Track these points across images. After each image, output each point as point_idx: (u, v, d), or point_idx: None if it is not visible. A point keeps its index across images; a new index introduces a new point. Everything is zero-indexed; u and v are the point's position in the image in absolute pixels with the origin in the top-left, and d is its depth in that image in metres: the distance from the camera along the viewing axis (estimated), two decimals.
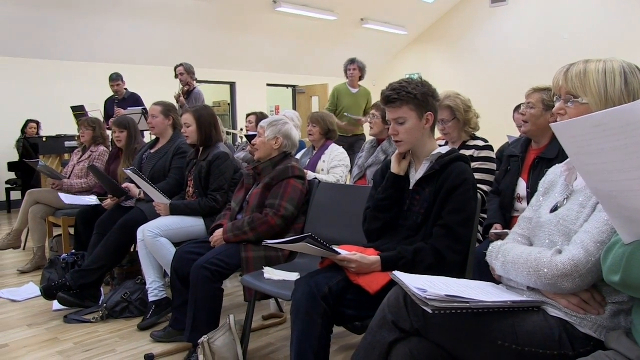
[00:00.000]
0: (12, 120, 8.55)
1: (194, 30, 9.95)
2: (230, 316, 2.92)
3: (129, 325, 3.52)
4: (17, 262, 5.23)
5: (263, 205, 3.01)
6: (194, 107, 3.81)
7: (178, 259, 3.12)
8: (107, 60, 9.34)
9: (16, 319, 3.76)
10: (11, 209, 8.56)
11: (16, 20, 8.18)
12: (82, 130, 5.25)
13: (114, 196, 4.24)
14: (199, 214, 3.56)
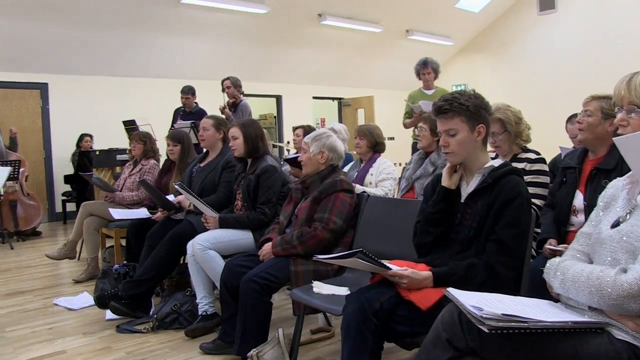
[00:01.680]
0: (68, 135, 8.88)
1: (241, 45, 10.10)
2: (279, 330, 2.93)
3: (179, 336, 3.55)
4: (72, 272, 5.38)
5: (312, 219, 3.01)
6: (240, 120, 3.85)
7: (227, 271, 3.14)
8: (158, 75, 9.59)
9: (72, 326, 3.87)
10: (66, 220, 8.83)
11: (72, 39, 8.51)
12: (133, 144, 5.37)
13: (163, 209, 4.31)
14: (248, 227, 3.59)
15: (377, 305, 2.07)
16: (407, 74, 12.83)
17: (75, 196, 8.57)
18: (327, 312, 2.95)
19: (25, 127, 8.82)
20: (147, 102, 9.15)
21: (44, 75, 8.93)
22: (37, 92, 9.03)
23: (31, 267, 5.79)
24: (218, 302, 3.44)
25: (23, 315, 4.14)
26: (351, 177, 4.30)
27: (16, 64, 8.51)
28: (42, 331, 3.78)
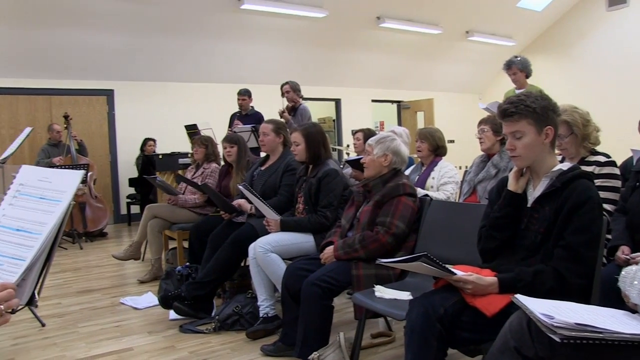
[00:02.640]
0: (132, 139, 9.16)
1: (301, 49, 10.17)
2: (340, 334, 2.92)
3: (240, 337, 3.59)
4: (137, 272, 5.54)
5: (374, 223, 2.99)
6: (302, 126, 3.85)
7: (289, 275, 3.16)
8: (219, 80, 9.77)
9: (138, 325, 3.98)
10: (131, 221, 9.10)
11: (137, 47, 8.79)
12: (195, 148, 5.46)
13: (225, 212, 4.38)
14: (309, 231, 3.60)
15: (441, 311, 2.03)
16: (467, 75, 12.74)
17: (139, 199, 8.82)
18: (389, 316, 2.92)
19: (93, 132, 9.17)
20: (208, 106, 9.34)
21: (110, 82, 9.26)
22: (103, 98, 9.37)
23: (99, 267, 6.00)
24: (279, 305, 3.47)
25: (93, 313, 4.29)
26: (412, 180, 4.25)
27: (85, 72, 8.85)
28: (110, 328, 3.91)
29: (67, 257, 6.49)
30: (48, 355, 3.44)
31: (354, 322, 3.07)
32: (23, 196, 1.65)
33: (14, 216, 1.61)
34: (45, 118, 8.80)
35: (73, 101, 9.02)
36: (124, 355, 3.39)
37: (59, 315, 4.24)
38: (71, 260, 6.34)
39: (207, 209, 5.14)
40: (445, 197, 4.03)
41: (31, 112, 8.76)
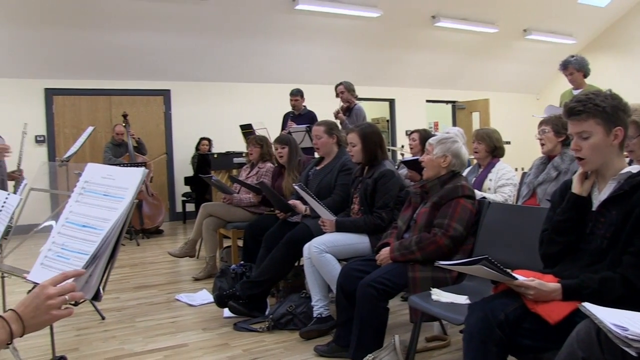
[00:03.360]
0: (188, 139, 9.33)
1: (355, 49, 10.14)
2: (396, 336, 2.89)
3: (293, 337, 3.60)
4: (192, 270, 5.62)
5: (431, 225, 2.95)
6: (359, 126, 3.82)
7: (344, 275, 3.14)
8: (273, 80, 9.84)
9: (193, 322, 4.04)
10: (186, 219, 9.26)
11: (192, 49, 8.95)
12: (250, 148, 5.50)
13: (280, 211, 4.39)
14: (364, 231, 3.58)
15: (501, 317, 1.97)
16: (524, 75, 12.44)
17: (194, 197, 8.95)
18: (447, 320, 2.86)
19: (150, 131, 9.37)
20: (263, 106, 9.41)
21: (166, 82, 9.46)
22: (160, 98, 9.57)
23: (155, 263, 6.13)
24: (333, 305, 3.45)
25: (149, 308, 4.38)
26: (469, 182, 4.17)
27: (143, 73, 9.07)
28: (166, 324, 3.98)
29: (125, 253, 6.65)
30: (108, 347, 3.54)
31: (409, 324, 3.04)
32: (88, 193, 1.69)
33: (80, 212, 1.65)
34: (105, 118, 9.06)
35: (131, 101, 9.25)
36: (179, 351, 3.45)
37: (117, 309, 4.35)
38: (128, 256, 6.50)
39: (262, 208, 5.17)
40: (502, 200, 3.94)
41: (92, 112, 9.03)
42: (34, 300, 1.29)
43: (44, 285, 1.32)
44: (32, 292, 1.32)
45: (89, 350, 3.49)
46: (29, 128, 8.31)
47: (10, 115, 7.72)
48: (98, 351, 3.48)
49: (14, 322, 1.25)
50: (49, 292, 1.30)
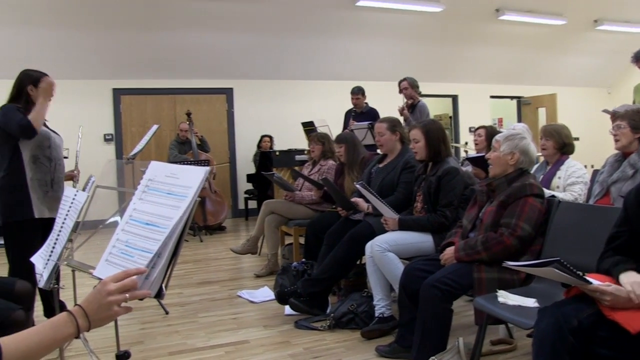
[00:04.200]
0: (250, 136, 9.43)
1: (417, 45, 9.99)
2: (460, 339, 2.82)
3: (354, 336, 3.56)
4: (254, 267, 5.66)
5: (498, 224, 2.84)
6: (421, 122, 3.76)
7: (406, 275, 3.08)
8: (335, 78, 9.82)
9: (254, 318, 4.06)
10: (248, 216, 9.37)
11: (255, 47, 9.03)
12: (312, 145, 5.50)
13: (343, 209, 4.36)
14: (428, 230, 3.51)
15: (574, 323, 1.87)
16: (595, 68, 11.94)
17: (256, 194, 9.03)
18: (514, 324, 2.76)
19: (213, 129, 9.52)
20: (325, 103, 9.41)
21: (229, 81, 9.58)
22: (223, 96, 9.71)
23: (217, 260, 6.21)
24: (395, 305, 3.41)
25: (212, 304, 4.44)
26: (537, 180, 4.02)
27: (205, 72, 9.23)
28: (228, 320, 4.02)
29: (189, 249, 6.78)
30: (171, 341, 3.60)
31: (473, 327, 2.95)
32: (152, 191, 1.70)
33: (143, 210, 1.66)
34: (169, 116, 9.27)
35: (195, 100, 9.42)
36: (240, 347, 3.47)
37: (180, 304, 4.43)
38: (192, 252, 6.61)
39: (324, 206, 5.15)
40: (572, 199, 3.77)
41: (157, 110, 9.26)
42: (96, 296, 1.32)
43: (105, 282, 1.34)
44: (95, 289, 1.34)
45: (153, 344, 3.56)
46: (98, 127, 8.68)
47: (80, 115, 7.99)
48: (162, 345, 3.55)
49: (80, 317, 1.28)
50: (110, 289, 1.32)
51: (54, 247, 2.42)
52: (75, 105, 8.32)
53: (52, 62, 7.79)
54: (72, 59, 8.18)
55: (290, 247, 5.39)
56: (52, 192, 3.48)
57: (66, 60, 8.11)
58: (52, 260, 2.40)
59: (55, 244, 2.43)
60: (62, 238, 2.39)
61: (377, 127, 4.21)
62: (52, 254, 2.40)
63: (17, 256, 3.29)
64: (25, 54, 7.56)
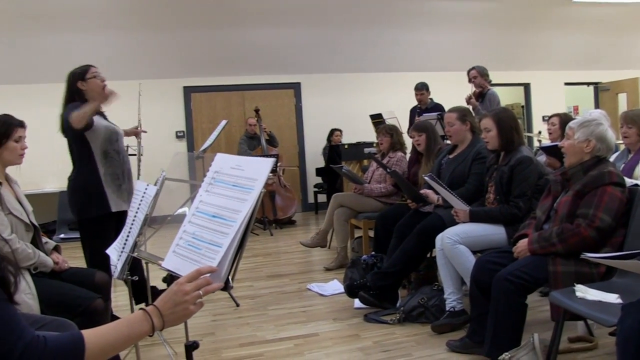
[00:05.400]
0: (320, 130, 9.44)
1: (486, 33, 9.69)
2: (535, 335, 2.71)
3: (425, 330, 3.51)
4: (323, 260, 5.67)
5: (574, 215, 2.71)
6: (492, 111, 3.65)
7: (478, 268, 3.00)
8: (402, 69, 9.69)
9: (324, 311, 4.07)
10: (318, 210, 9.40)
11: (321, 41, 9.04)
12: (380, 137, 5.44)
13: (412, 201, 4.30)
14: (500, 222, 3.39)
15: None
16: None
17: (325, 188, 9.05)
18: (594, 320, 2.63)
19: (282, 124, 9.60)
20: (394, 95, 9.29)
21: (297, 75, 9.62)
22: (291, 91, 9.77)
23: (287, 253, 6.27)
24: (466, 299, 3.32)
25: (281, 297, 4.48)
26: (617, 168, 3.82)
27: (273, 67, 9.30)
28: (298, 313, 4.04)
29: (259, 243, 6.87)
30: (241, 333, 3.66)
31: (549, 322, 2.83)
32: (218, 183, 1.71)
33: (210, 202, 1.68)
34: (238, 112, 9.42)
35: (263, 95, 9.52)
36: (309, 340, 3.48)
37: (251, 297, 4.49)
38: (262, 246, 6.70)
39: (393, 198, 5.11)
40: None
41: (227, 107, 9.42)
42: (172, 297, 1.37)
43: (180, 283, 1.39)
44: (170, 289, 1.39)
45: (224, 336, 3.63)
46: (170, 125, 8.95)
47: (153, 113, 8.22)
48: (232, 337, 3.61)
49: (155, 316, 1.33)
50: (186, 289, 1.37)
51: (126, 240, 2.50)
52: (148, 104, 8.56)
53: (126, 64, 8.13)
54: (145, 60, 8.44)
55: (360, 240, 5.36)
56: (125, 185, 3.60)
57: (139, 61, 8.39)
58: (125, 252, 2.48)
59: (128, 236, 2.51)
60: (134, 230, 2.46)
61: (446, 117, 4.12)
62: (125, 246, 2.49)
63: (94, 249, 3.40)
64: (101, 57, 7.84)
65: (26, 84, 8.14)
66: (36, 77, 8.07)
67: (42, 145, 6.35)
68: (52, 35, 7.78)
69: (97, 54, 7.84)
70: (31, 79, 8.10)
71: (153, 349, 3.40)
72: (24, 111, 3.65)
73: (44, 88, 8.00)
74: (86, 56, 7.76)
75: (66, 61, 7.36)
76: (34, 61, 7.94)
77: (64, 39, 7.81)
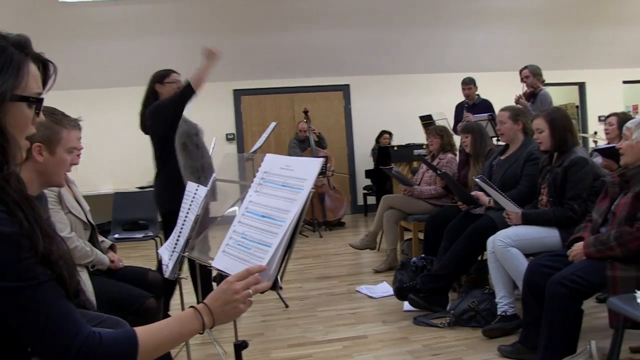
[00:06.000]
0: (369, 132, 9.43)
1: (538, 31, 9.45)
2: (592, 342, 2.63)
3: (476, 335, 3.45)
4: (372, 262, 5.65)
5: (633, 218, 2.61)
6: (545, 111, 3.56)
7: (531, 271, 2.93)
8: (452, 70, 9.54)
9: (373, 314, 4.05)
10: (367, 212, 9.37)
11: (370, 42, 9.02)
12: (430, 139, 5.40)
13: (463, 203, 4.24)
14: (554, 224, 3.30)
15: None
16: None
17: (375, 190, 9.02)
18: None
19: (331, 126, 9.62)
20: (442, 96, 9.15)
21: (345, 77, 9.65)
22: (340, 93, 9.79)
23: (337, 255, 6.27)
24: (518, 303, 3.27)
25: (331, 299, 4.48)
26: None
27: (322, 69, 9.35)
28: (347, 315, 4.04)
29: (308, 245, 6.90)
30: (290, 334, 3.68)
31: (607, 330, 2.73)
32: (268, 184, 1.72)
33: (259, 203, 1.69)
34: (288, 114, 9.50)
35: (312, 97, 9.56)
36: (358, 342, 3.47)
37: (300, 298, 4.51)
38: (311, 248, 6.73)
39: (444, 200, 5.06)
40: None
41: (276, 109, 9.51)
42: (222, 295, 1.38)
43: (230, 281, 1.40)
44: (219, 287, 1.40)
45: (273, 336, 3.66)
46: (220, 127, 9.09)
47: (204, 116, 8.37)
48: (281, 337, 3.64)
49: (205, 314, 1.35)
50: (235, 288, 1.38)
51: (177, 239, 2.55)
52: (200, 107, 8.72)
53: (177, 68, 8.28)
54: (196, 64, 8.60)
55: (410, 242, 5.32)
56: (205, 179, 3.67)
57: (191, 65, 8.55)
58: (176, 251, 2.53)
59: (179, 236, 2.55)
60: (185, 230, 2.51)
61: (498, 116, 4.06)
62: (177, 245, 2.53)
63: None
64: (155, 61, 8.04)
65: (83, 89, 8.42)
66: (87, 83, 8.38)
67: (97, 149, 6.56)
68: (115, 42, 8.08)
69: (150, 59, 8.06)
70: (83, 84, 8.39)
71: (203, 347, 3.45)
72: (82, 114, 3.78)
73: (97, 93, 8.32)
74: (142, 61, 8.05)
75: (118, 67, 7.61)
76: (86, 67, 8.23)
77: (122, 46, 8.09)
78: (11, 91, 1.11)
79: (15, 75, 1.12)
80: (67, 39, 7.71)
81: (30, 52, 1.18)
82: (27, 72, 1.15)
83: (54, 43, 7.00)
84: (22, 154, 1.20)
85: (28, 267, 1.08)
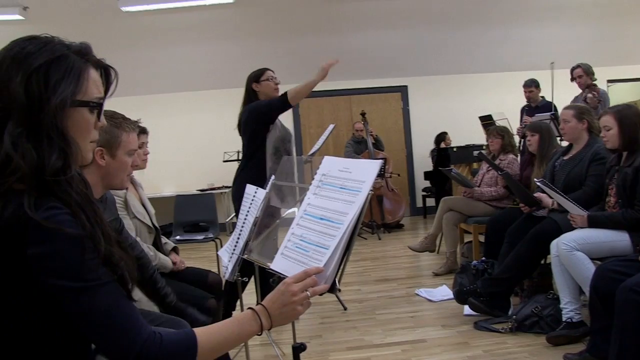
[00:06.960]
0: (427, 133, 9.34)
1: (600, 24, 9.06)
2: None
3: (539, 341, 3.34)
4: (432, 265, 5.59)
5: None
6: (614, 107, 3.43)
7: (599, 277, 2.81)
8: (510, 69, 9.33)
9: (432, 317, 4.00)
10: (426, 214, 9.28)
11: (427, 43, 8.97)
12: (490, 139, 5.33)
13: (525, 205, 4.13)
14: (623, 227, 3.17)
15: None
16: None
17: (434, 192, 8.93)
18: None
19: (389, 127, 9.59)
20: (503, 96, 8.96)
21: (403, 78, 9.61)
22: (398, 94, 9.75)
23: (395, 257, 6.23)
24: (585, 310, 3.15)
25: (389, 301, 4.45)
26: None
27: (379, 71, 9.34)
28: (405, 318, 4.00)
29: (367, 247, 6.88)
30: (349, 337, 3.67)
31: None
32: (326, 186, 1.72)
33: (317, 205, 1.69)
34: (345, 116, 9.51)
35: (370, 99, 9.56)
36: (417, 346, 3.43)
37: (359, 301, 4.49)
38: (370, 250, 6.70)
39: (505, 202, 4.95)
40: None
41: (334, 111, 9.56)
42: (280, 297, 1.38)
43: (288, 283, 1.40)
44: (277, 289, 1.40)
45: (332, 339, 3.66)
46: None
47: None
48: (340, 340, 3.63)
49: (263, 315, 1.35)
50: (293, 290, 1.38)
51: (237, 242, 2.58)
52: None
53: (235, 72, 8.42)
54: (254, 67, 8.73)
55: (470, 245, 5.23)
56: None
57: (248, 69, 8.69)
58: (235, 254, 2.57)
59: (238, 238, 2.59)
60: (244, 233, 2.54)
61: (562, 114, 3.94)
62: (236, 248, 2.57)
63: None
64: (214, 66, 8.25)
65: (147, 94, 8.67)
66: (151, 89, 8.63)
67: (161, 152, 6.74)
68: (176, 49, 8.31)
69: (210, 64, 8.27)
70: (147, 90, 8.64)
71: (262, 349, 3.49)
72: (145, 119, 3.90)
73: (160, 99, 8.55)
74: (201, 66, 8.25)
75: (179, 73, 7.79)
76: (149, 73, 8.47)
77: (182, 52, 8.31)
78: (72, 97, 1.14)
79: (75, 81, 1.15)
80: (129, 46, 7.99)
81: (91, 58, 1.22)
82: (88, 77, 1.19)
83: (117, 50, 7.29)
84: (88, 157, 1.23)
85: (91, 268, 1.10)
